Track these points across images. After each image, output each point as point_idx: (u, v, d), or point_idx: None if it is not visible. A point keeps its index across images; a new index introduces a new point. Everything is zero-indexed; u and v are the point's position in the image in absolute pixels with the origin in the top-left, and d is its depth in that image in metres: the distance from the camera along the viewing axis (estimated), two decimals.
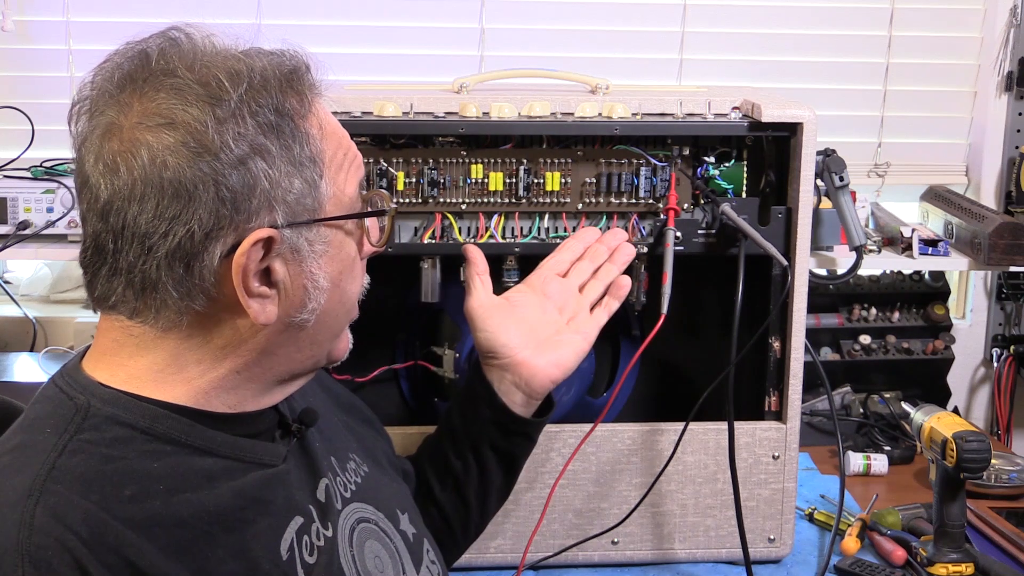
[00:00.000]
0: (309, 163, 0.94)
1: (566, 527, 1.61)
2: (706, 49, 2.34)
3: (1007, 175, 2.36)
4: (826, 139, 1.86)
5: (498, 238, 1.56)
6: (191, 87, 0.90)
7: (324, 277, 0.97)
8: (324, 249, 0.96)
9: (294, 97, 0.95)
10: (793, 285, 1.55)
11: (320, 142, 0.95)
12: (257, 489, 0.96)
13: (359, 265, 1.03)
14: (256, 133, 0.91)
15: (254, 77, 0.92)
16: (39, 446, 0.89)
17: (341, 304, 1.01)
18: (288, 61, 0.96)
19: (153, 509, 0.88)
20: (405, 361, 1.70)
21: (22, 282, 2.40)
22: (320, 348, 1.02)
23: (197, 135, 0.89)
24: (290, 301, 0.95)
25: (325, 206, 0.96)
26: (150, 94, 0.91)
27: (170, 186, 0.88)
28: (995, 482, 1.86)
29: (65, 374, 0.97)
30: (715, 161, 1.58)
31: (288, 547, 0.96)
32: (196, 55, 0.94)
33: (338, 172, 0.97)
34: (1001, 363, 2.39)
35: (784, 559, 1.64)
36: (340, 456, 1.13)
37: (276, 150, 0.91)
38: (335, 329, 1.03)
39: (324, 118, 0.97)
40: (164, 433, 0.92)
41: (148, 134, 0.89)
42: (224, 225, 0.90)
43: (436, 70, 2.06)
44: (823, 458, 1.99)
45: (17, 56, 2.27)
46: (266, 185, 0.91)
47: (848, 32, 2.36)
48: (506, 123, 1.53)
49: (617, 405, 1.72)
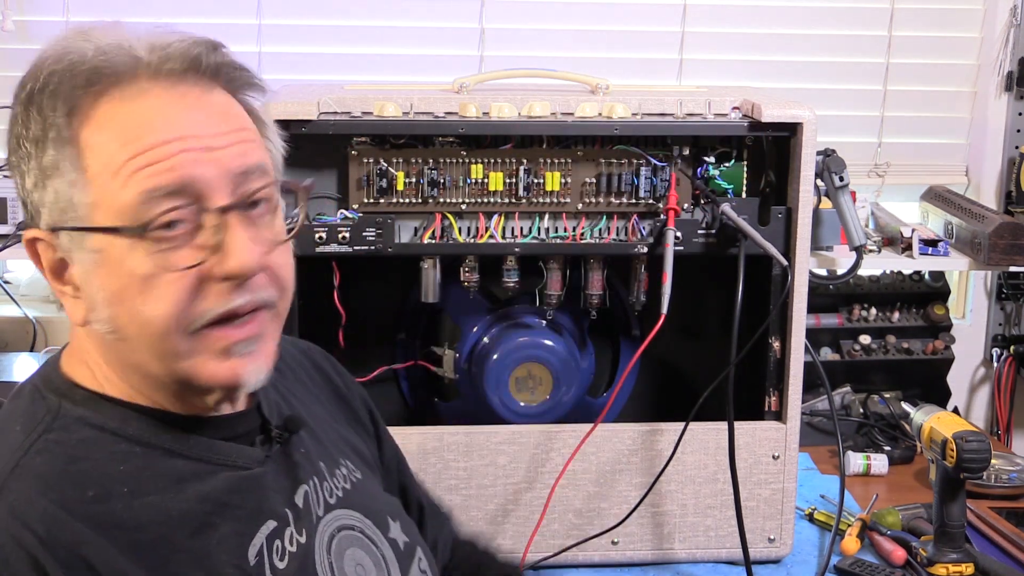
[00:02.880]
0: (66, 170, 0.90)
1: (566, 527, 1.61)
2: (706, 49, 2.34)
3: (1007, 175, 2.36)
4: (826, 139, 1.86)
5: (498, 238, 1.56)
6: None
7: (100, 288, 0.91)
8: (95, 258, 0.90)
9: (84, 99, 0.90)
10: (793, 285, 1.55)
11: (88, 150, 0.90)
12: (226, 493, 0.95)
13: (160, 284, 0.89)
14: (18, 135, 0.92)
15: (40, 75, 0.91)
16: (7, 444, 0.91)
17: (136, 324, 0.90)
18: (111, 55, 0.90)
19: (114, 511, 0.88)
20: (405, 361, 1.70)
21: (22, 282, 2.40)
22: (152, 365, 0.93)
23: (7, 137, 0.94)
24: (88, 305, 0.92)
25: (90, 215, 0.89)
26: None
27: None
28: (995, 482, 1.86)
29: (43, 374, 0.98)
30: (715, 161, 1.58)
31: (257, 552, 0.95)
32: (45, 49, 0.94)
33: (110, 181, 0.89)
34: (1001, 363, 2.39)
35: (784, 559, 1.65)
36: (330, 461, 1.11)
37: (32, 153, 0.91)
38: (149, 348, 0.91)
39: (109, 125, 0.90)
40: (134, 435, 0.93)
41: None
42: (28, 219, 0.95)
43: (436, 70, 2.06)
44: (823, 458, 1.99)
45: (17, 56, 2.27)
46: (21, 187, 0.93)
47: (848, 32, 2.36)
48: (506, 123, 1.53)
49: (617, 405, 1.72)
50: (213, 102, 0.94)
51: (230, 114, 0.95)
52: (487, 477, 1.59)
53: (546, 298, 1.62)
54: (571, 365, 1.63)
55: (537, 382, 1.63)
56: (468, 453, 1.59)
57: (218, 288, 0.91)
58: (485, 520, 1.59)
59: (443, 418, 1.71)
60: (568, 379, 1.63)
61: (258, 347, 0.94)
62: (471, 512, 1.58)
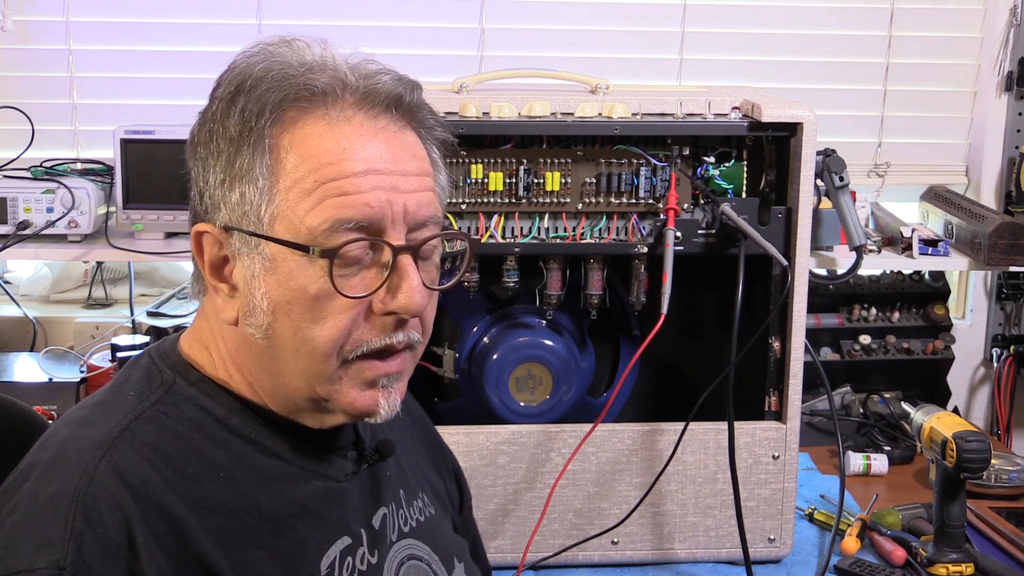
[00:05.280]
0: (258, 177, 0.92)
1: (566, 527, 1.61)
2: (706, 49, 2.34)
3: (1007, 175, 2.36)
4: (826, 139, 1.86)
5: (498, 238, 1.56)
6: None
7: (264, 296, 0.92)
8: (266, 266, 0.92)
9: (290, 111, 0.92)
10: (793, 285, 1.55)
11: (284, 162, 0.92)
12: (313, 500, 0.98)
13: (329, 308, 0.92)
14: (213, 135, 0.94)
15: (248, 79, 0.93)
16: (119, 406, 0.94)
17: (297, 339, 0.93)
18: (319, 75, 0.93)
19: (208, 492, 0.91)
20: None
21: (22, 282, 2.40)
22: (293, 379, 0.95)
23: (194, 128, 0.97)
24: (244, 307, 0.95)
25: (271, 224, 0.92)
26: None
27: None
28: (995, 482, 1.86)
29: (160, 348, 1.02)
30: (715, 161, 1.58)
31: (330, 564, 0.97)
32: (247, 52, 0.97)
33: (300, 198, 0.91)
34: (1001, 363, 2.39)
35: (784, 559, 1.65)
36: (410, 491, 1.13)
37: (224, 151, 0.93)
38: (300, 363, 0.94)
39: (309, 142, 0.92)
40: (237, 426, 0.96)
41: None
42: (198, 211, 0.97)
43: (436, 70, 2.06)
44: (823, 458, 1.99)
45: (17, 56, 2.27)
46: (202, 180, 0.95)
47: (848, 32, 2.36)
48: (506, 123, 1.53)
49: (617, 405, 1.72)
50: (406, 141, 0.96)
51: (418, 156, 0.97)
52: (487, 477, 1.59)
53: (546, 298, 1.62)
54: (571, 365, 1.63)
55: (537, 382, 1.63)
56: (468, 453, 1.59)
57: (380, 322, 0.94)
58: (485, 520, 1.59)
59: (443, 418, 1.71)
60: (568, 379, 1.63)
61: (398, 383, 0.98)
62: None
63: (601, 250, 1.58)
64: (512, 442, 1.60)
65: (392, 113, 0.96)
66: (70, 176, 2.04)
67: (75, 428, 0.93)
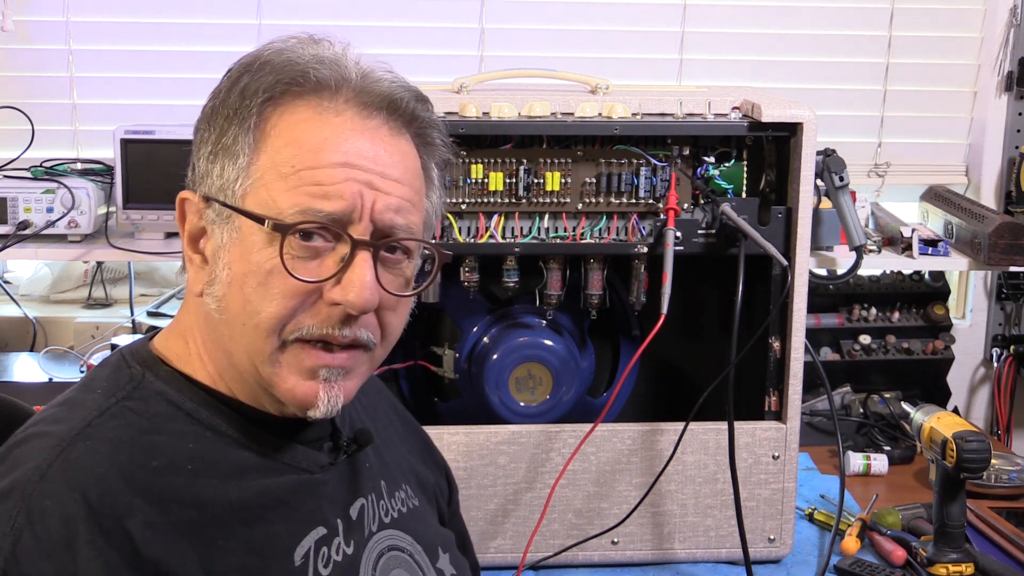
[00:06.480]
0: (239, 153, 0.94)
1: (566, 527, 1.61)
2: (706, 49, 2.34)
3: (1007, 175, 2.37)
4: (826, 139, 1.86)
5: (498, 238, 1.56)
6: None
7: (225, 266, 0.94)
8: (233, 238, 0.94)
9: (285, 95, 0.94)
10: (793, 285, 1.55)
11: (268, 142, 0.93)
12: (285, 492, 0.97)
13: (279, 286, 0.92)
14: (215, 111, 0.96)
15: (256, 61, 0.96)
16: (86, 403, 0.94)
17: (244, 312, 0.93)
18: (324, 66, 0.94)
19: (175, 485, 0.90)
20: (405, 361, 1.70)
21: (22, 282, 2.41)
22: (240, 357, 0.95)
23: (204, 104, 0.99)
24: (209, 278, 0.96)
25: (243, 198, 0.93)
26: None
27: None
28: (995, 482, 1.86)
29: (132, 346, 1.01)
30: (715, 161, 1.58)
31: (304, 554, 0.96)
32: (274, 42, 0.99)
33: (276, 180, 0.92)
34: (1001, 363, 2.40)
35: (784, 559, 1.65)
36: (392, 482, 1.12)
37: (216, 128, 0.95)
38: (245, 338, 0.94)
39: (295, 128, 0.93)
40: (207, 419, 0.96)
41: None
42: (188, 181, 0.99)
43: (436, 70, 2.06)
44: (823, 458, 1.99)
45: (17, 56, 2.27)
46: (195, 156, 0.97)
47: (848, 32, 2.36)
48: (506, 123, 1.53)
49: (617, 405, 1.72)
50: (396, 145, 0.97)
51: (405, 164, 0.97)
52: (487, 477, 1.59)
53: (546, 298, 1.62)
54: (571, 365, 1.63)
55: (537, 382, 1.63)
56: (468, 453, 1.59)
57: (326, 311, 0.93)
58: (485, 520, 1.60)
59: (443, 418, 1.71)
60: (568, 379, 1.63)
61: (342, 380, 0.96)
62: (471, 512, 1.58)
63: (601, 250, 1.58)
64: (512, 442, 1.60)
65: (387, 116, 0.96)
66: (70, 176, 2.05)
67: (40, 425, 0.93)
